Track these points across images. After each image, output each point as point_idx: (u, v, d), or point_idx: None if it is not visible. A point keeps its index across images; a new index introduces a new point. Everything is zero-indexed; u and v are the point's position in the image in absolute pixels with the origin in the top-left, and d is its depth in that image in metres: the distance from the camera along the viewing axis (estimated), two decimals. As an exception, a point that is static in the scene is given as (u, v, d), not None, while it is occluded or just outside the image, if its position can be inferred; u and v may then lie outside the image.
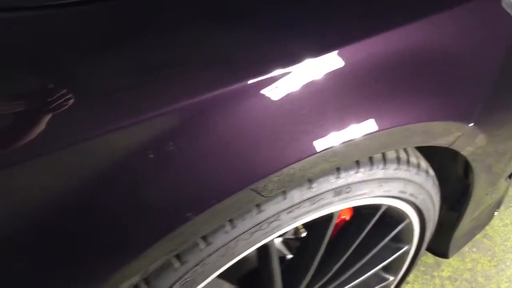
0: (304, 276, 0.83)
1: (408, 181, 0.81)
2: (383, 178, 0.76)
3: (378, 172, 0.74)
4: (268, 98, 0.55)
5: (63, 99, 0.47)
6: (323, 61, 0.58)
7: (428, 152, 0.87)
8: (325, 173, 0.68)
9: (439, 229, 1.11)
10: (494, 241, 1.57)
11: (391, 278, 1.09)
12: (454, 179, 1.03)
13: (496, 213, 1.32)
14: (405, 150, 0.80)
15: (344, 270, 0.91)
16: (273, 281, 0.79)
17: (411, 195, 0.84)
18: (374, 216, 0.84)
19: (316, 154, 0.58)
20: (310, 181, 0.67)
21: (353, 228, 0.87)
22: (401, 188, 0.80)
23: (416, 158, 0.82)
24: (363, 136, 0.61)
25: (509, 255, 1.53)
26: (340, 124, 0.60)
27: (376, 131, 0.62)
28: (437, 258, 1.50)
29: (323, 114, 0.59)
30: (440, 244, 1.20)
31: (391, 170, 0.76)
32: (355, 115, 0.61)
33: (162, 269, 0.62)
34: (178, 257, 0.62)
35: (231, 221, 0.63)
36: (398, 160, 0.77)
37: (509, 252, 1.54)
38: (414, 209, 0.90)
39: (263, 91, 0.54)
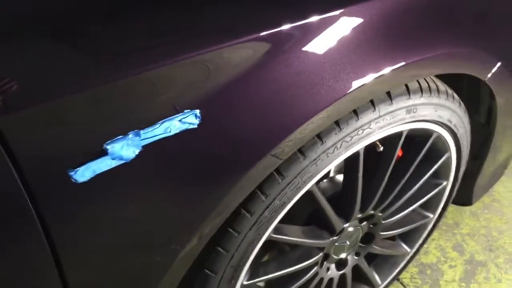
0: (376, 192, 1.02)
1: (454, 112, 1.02)
2: (438, 104, 0.96)
3: (434, 99, 0.95)
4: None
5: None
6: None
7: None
8: (400, 93, 0.88)
9: (463, 179, 1.32)
10: (502, 203, 1.79)
11: (431, 215, 1.28)
12: (477, 127, 1.25)
13: (505, 171, 1.54)
14: (450, 87, 1.02)
15: (400, 196, 1.10)
16: (356, 191, 0.97)
17: (455, 125, 1.05)
18: (426, 143, 1.04)
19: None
20: (391, 98, 0.87)
21: (409, 156, 1.07)
22: (449, 116, 1.01)
23: (457, 96, 1.04)
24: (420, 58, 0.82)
25: (516, 214, 1.75)
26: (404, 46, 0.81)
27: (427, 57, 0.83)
28: (455, 219, 1.71)
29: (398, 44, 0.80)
30: (465, 191, 1.41)
31: (443, 99, 0.98)
32: (409, 44, 0.82)
33: (290, 162, 0.80)
34: (301, 152, 0.81)
35: (338, 124, 0.82)
36: (446, 92, 0.99)
37: (516, 211, 1.77)
38: (455, 142, 1.11)
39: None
